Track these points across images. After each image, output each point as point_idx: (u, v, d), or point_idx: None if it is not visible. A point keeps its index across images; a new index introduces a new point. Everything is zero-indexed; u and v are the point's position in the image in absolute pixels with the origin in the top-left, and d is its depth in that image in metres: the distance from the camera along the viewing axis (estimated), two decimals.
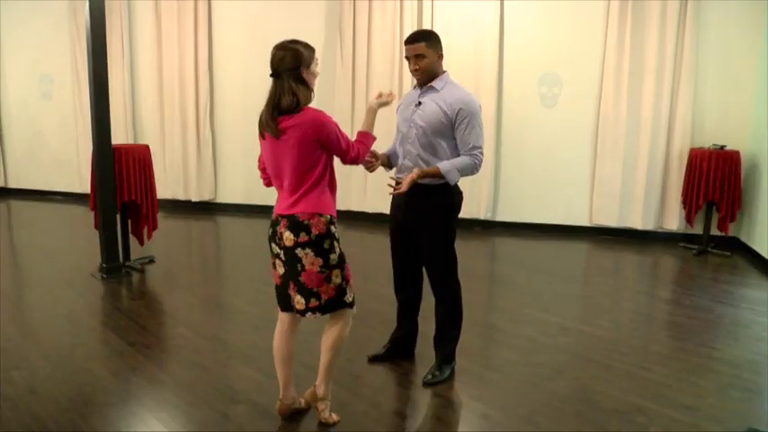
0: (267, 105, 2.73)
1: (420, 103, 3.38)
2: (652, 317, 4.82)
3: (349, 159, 2.84)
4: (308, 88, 2.76)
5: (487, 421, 3.13)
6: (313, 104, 2.78)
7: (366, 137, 2.96)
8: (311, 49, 2.78)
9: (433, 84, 3.36)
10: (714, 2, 6.67)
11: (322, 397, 2.99)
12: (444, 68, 3.42)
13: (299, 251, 2.74)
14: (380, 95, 3.13)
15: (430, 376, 3.50)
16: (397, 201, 3.52)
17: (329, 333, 2.93)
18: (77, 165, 9.53)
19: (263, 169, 2.99)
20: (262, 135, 2.77)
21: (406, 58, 3.36)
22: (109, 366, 3.67)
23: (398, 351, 3.79)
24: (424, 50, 3.28)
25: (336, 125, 2.78)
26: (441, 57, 3.37)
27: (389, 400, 3.35)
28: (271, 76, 2.73)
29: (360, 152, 2.88)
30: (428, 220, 3.41)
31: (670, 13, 6.73)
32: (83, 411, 3.14)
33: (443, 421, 3.17)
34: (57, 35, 9.36)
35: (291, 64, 2.69)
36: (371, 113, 3.07)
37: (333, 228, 2.82)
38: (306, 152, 2.69)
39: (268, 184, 3.00)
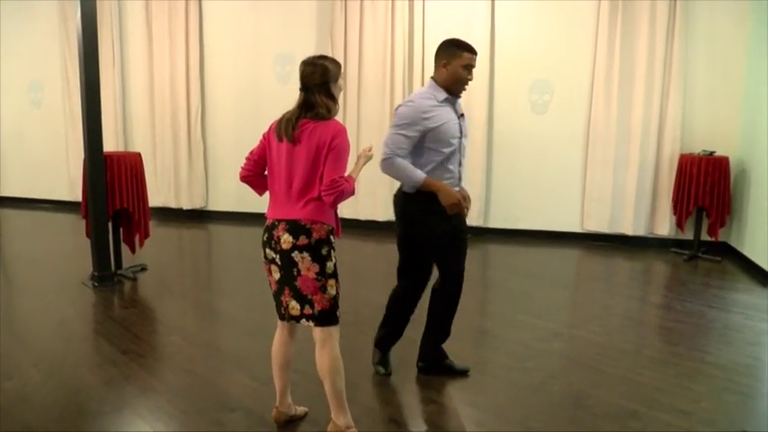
0: (293, 113, 2.77)
1: (462, 115, 3.45)
2: (644, 322, 4.84)
3: (333, 182, 2.68)
4: (336, 102, 2.82)
5: (482, 427, 3.13)
6: None
7: (352, 181, 2.81)
8: (338, 65, 2.85)
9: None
10: (702, 9, 6.74)
11: (346, 426, 2.87)
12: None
13: (295, 254, 2.72)
14: (370, 149, 3.11)
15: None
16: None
17: (322, 358, 2.83)
18: (68, 172, 9.47)
19: (253, 161, 2.92)
20: (279, 139, 2.78)
21: (469, 66, 3.33)
22: (101, 375, 3.65)
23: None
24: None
25: (349, 151, 2.78)
26: None
27: (384, 407, 3.35)
28: (300, 90, 2.79)
29: (347, 187, 2.72)
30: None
31: (659, 20, 6.79)
32: (75, 420, 3.12)
33: (438, 427, 3.17)
34: (46, 41, 9.30)
35: (320, 79, 2.76)
36: (362, 163, 3.05)
37: (332, 237, 2.82)
38: (321, 158, 2.70)
39: (245, 176, 2.95)
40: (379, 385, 3.58)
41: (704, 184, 6.47)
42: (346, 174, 2.77)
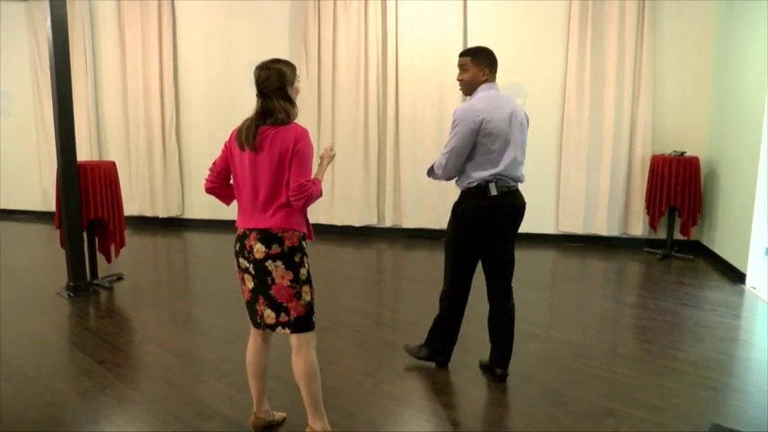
0: (252, 121, 2.73)
1: None
2: (619, 321, 4.91)
3: (300, 186, 2.65)
4: (294, 105, 2.79)
5: (460, 428, 3.16)
6: None
7: (319, 183, 2.80)
8: (293, 67, 2.80)
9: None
10: (669, 13, 6.88)
11: (323, 430, 2.89)
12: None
13: (269, 263, 2.72)
14: (332, 149, 3.11)
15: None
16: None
17: (298, 363, 2.83)
18: (40, 183, 9.37)
19: (217, 171, 2.90)
20: (241, 148, 2.74)
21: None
22: (77, 386, 3.62)
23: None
24: (467, 63, 3.68)
25: (312, 154, 2.76)
26: (483, 73, 3.73)
27: (362, 410, 3.35)
28: (257, 96, 2.75)
29: (315, 190, 2.70)
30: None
31: (628, 24, 6.91)
32: None
33: (415, 429, 3.18)
34: (15, 49, 9.21)
35: (277, 84, 2.72)
36: (326, 163, 3.02)
37: (304, 243, 2.82)
38: (285, 164, 2.68)
39: (210, 188, 2.93)
40: (356, 389, 3.59)
41: (676, 184, 6.59)
42: (312, 176, 2.76)
